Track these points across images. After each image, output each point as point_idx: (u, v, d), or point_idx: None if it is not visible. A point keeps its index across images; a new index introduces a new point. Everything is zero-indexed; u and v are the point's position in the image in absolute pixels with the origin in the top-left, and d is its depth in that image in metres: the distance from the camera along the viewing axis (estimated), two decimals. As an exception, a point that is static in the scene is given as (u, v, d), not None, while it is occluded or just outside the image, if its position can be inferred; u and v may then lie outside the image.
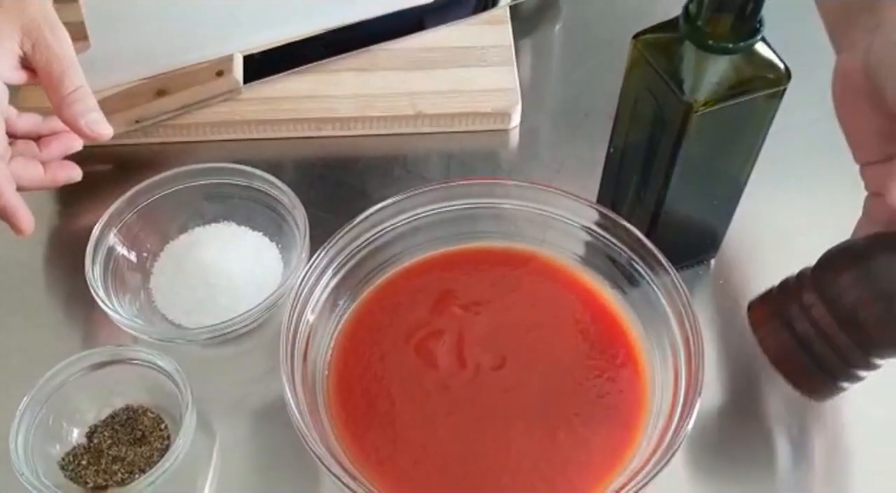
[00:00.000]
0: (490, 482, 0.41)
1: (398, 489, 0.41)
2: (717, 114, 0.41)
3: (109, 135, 0.52)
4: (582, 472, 0.42)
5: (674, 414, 0.41)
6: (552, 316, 0.47)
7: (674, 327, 0.44)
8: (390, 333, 0.46)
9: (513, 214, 0.50)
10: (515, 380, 0.45)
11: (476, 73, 0.61)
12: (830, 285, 0.40)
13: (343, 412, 0.44)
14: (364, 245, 0.48)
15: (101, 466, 0.45)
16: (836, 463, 0.47)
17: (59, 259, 0.54)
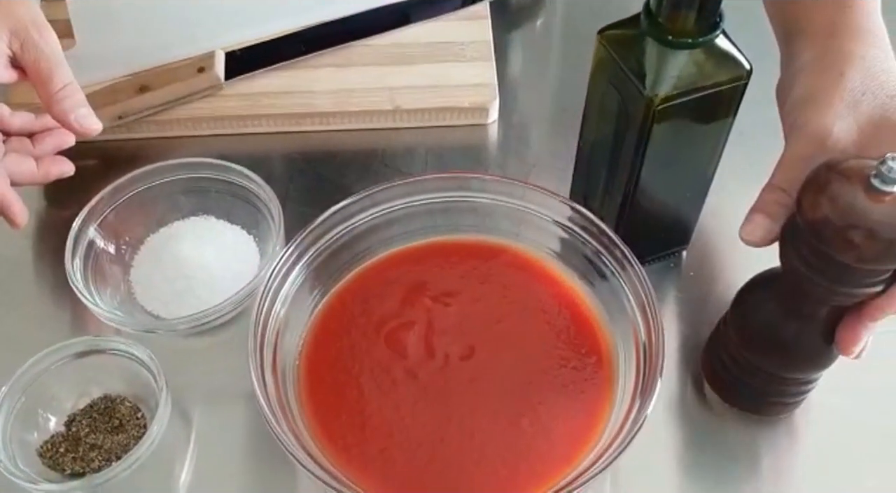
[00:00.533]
0: (454, 469, 0.42)
1: (363, 475, 0.42)
2: (680, 108, 0.42)
3: (99, 129, 0.52)
4: (544, 460, 0.43)
5: (633, 404, 0.41)
6: (521, 307, 0.48)
7: (637, 319, 0.44)
8: (361, 323, 0.47)
9: (486, 207, 0.51)
10: (482, 369, 0.45)
11: (454, 69, 0.62)
12: (733, 314, 0.46)
13: (313, 400, 0.45)
14: (338, 237, 0.49)
15: (78, 453, 0.46)
16: (806, 453, 0.48)
17: (42, 253, 0.55)
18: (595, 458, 0.41)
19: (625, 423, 0.41)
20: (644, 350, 0.43)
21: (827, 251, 0.37)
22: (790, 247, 0.40)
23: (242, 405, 0.49)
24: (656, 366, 0.41)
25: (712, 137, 0.46)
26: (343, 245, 0.49)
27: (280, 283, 0.46)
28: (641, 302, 0.44)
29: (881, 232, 0.36)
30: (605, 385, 0.45)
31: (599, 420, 0.44)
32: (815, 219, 0.37)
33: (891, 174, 0.36)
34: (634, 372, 0.43)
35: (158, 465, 0.46)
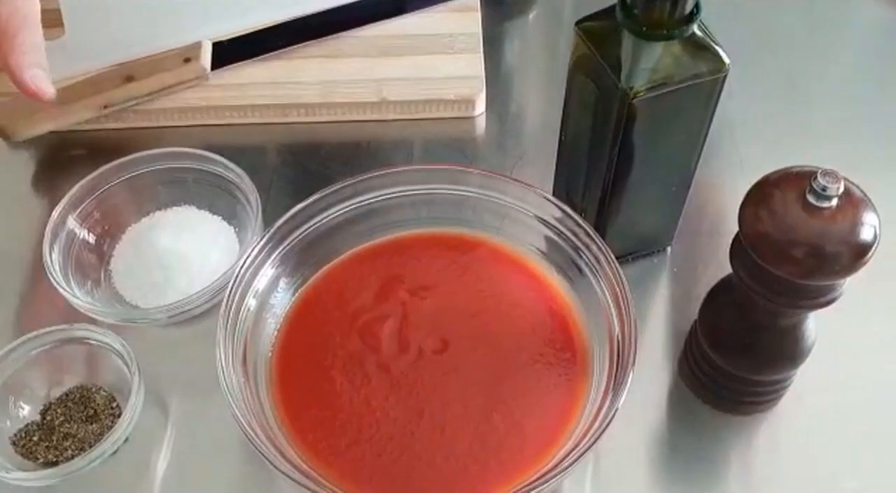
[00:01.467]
0: (423, 464, 0.42)
1: (331, 469, 0.42)
2: (656, 101, 0.42)
3: (51, 95, 0.51)
4: (514, 456, 0.42)
5: (605, 399, 0.41)
6: (498, 302, 0.47)
7: (612, 313, 0.44)
8: (336, 316, 0.47)
9: (468, 201, 0.50)
10: (456, 364, 0.45)
11: (442, 61, 0.62)
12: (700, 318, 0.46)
13: (284, 393, 0.45)
14: (314, 228, 0.48)
15: (52, 442, 0.46)
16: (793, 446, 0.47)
17: (22, 241, 0.55)
18: (565, 454, 0.40)
19: (596, 418, 0.40)
20: (617, 344, 0.43)
21: (766, 266, 0.37)
22: (736, 259, 0.40)
23: (220, 395, 0.49)
24: (628, 359, 0.41)
25: (692, 131, 0.45)
26: (319, 236, 0.49)
27: (252, 274, 0.45)
28: (615, 295, 0.43)
29: (818, 248, 0.36)
30: (580, 382, 0.44)
31: (572, 418, 0.43)
32: (754, 233, 0.37)
33: (823, 191, 0.35)
34: (608, 367, 0.43)
35: (134, 455, 0.46)
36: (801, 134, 0.61)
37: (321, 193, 0.48)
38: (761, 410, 0.47)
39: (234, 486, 0.46)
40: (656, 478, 0.47)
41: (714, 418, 0.48)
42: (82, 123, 0.60)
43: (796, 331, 0.42)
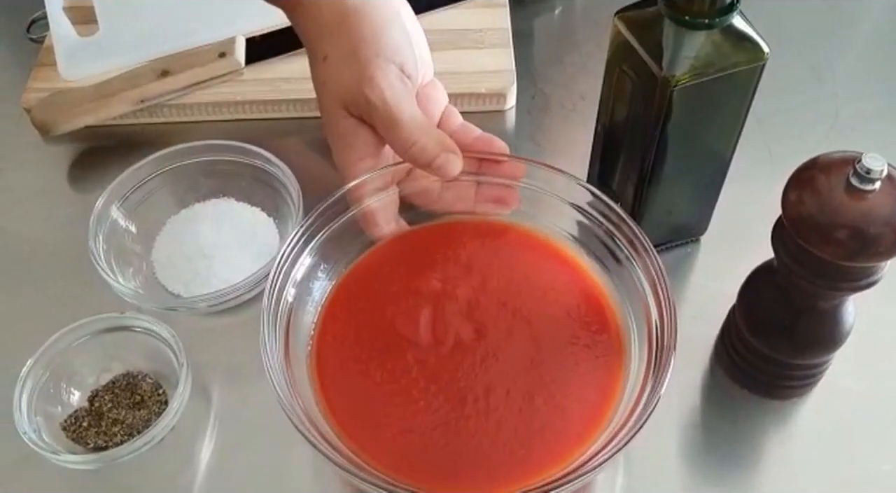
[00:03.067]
0: (471, 449, 0.42)
1: (379, 459, 0.42)
2: (696, 89, 0.42)
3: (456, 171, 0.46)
4: (559, 438, 0.42)
5: (647, 382, 0.41)
6: (531, 287, 0.48)
7: (649, 298, 0.44)
8: (370, 307, 0.47)
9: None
10: (494, 350, 0.45)
11: (473, 55, 0.62)
12: (739, 303, 0.47)
13: (325, 385, 0.45)
14: (348, 218, 0.48)
15: (101, 428, 0.46)
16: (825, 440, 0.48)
17: (64, 234, 0.56)
18: (610, 436, 0.41)
19: (638, 401, 0.41)
20: (656, 328, 0.43)
21: (809, 249, 0.38)
22: (778, 242, 0.41)
23: (262, 384, 0.49)
24: (669, 344, 0.41)
25: (729, 120, 0.46)
26: (353, 226, 0.48)
27: (291, 264, 0.45)
28: (653, 280, 0.44)
29: (861, 230, 0.37)
30: (617, 363, 0.45)
31: (612, 398, 0.43)
32: (797, 215, 0.38)
33: (867, 174, 0.36)
34: (647, 351, 0.43)
35: (179, 441, 0.47)
36: (828, 126, 0.61)
37: (354, 182, 0.47)
38: (798, 394, 0.48)
39: (277, 474, 0.47)
40: (691, 461, 0.47)
41: (750, 402, 0.48)
42: (117, 118, 0.61)
43: (836, 314, 0.43)
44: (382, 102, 0.45)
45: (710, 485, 0.47)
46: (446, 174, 0.46)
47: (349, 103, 0.46)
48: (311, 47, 0.49)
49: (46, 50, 0.64)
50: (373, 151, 0.47)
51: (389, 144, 0.47)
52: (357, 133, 0.47)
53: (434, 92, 0.51)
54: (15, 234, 0.57)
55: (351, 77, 0.46)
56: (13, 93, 0.63)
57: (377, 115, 0.45)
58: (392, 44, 0.47)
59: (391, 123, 0.45)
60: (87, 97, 0.59)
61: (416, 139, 0.45)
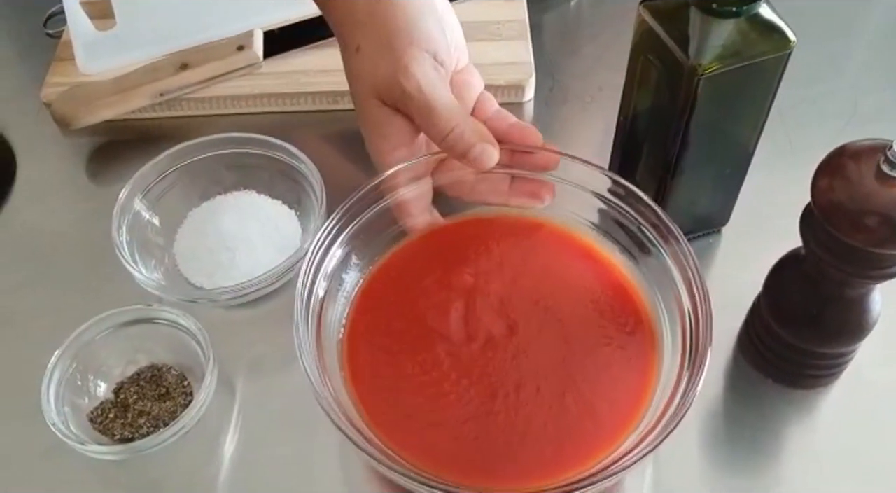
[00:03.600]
0: (500, 445, 0.42)
1: (409, 450, 0.42)
2: (723, 77, 0.42)
3: (492, 163, 0.46)
4: (589, 437, 0.42)
5: (680, 382, 0.41)
6: (563, 284, 0.47)
7: (683, 295, 0.44)
8: (401, 299, 0.47)
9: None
10: (525, 347, 0.45)
11: (491, 47, 0.62)
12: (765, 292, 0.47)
13: (356, 376, 0.44)
14: (377, 211, 0.48)
15: (127, 419, 0.47)
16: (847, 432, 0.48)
17: (86, 226, 0.56)
18: (641, 436, 0.40)
19: (671, 401, 0.40)
20: (690, 322, 0.43)
21: (839, 236, 0.38)
22: (807, 230, 0.41)
23: (285, 375, 0.50)
24: (704, 338, 0.41)
25: (755, 109, 0.46)
26: (382, 218, 0.48)
27: (322, 255, 0.45)
28: (684, 271, 0.43)
29: (891, 217, 0.37)
30: (650, 362, 0.44)
31: (644, 397, 0.43)
32: (827, 203, 0.38)
33: None
34: (680, 345, 0.43)
35: (204, 433, 0.47)
36: (847, 117, 0.61)
37: (389, 172, 0.47)
38: (822, 383, 0.48)
39: (301, 466, 0.47)
40: (714, 450, 0.47)
41: (774, 392, 0.48)
42: (136, 112, 0.61)
43: (863, 303, 0.43)
44: (418, 91, 0.45)
45: (733, 475, 0.47)
46: (482, 165, 0.46)
47: (383, 93, 0.46)
48: (344, 38, 0.49)
49: (64, 44, 0.64)
50: (407, 141, 0.47)
51: (426, 133, 0.47)
52: (391, 123, 0.47)
53: (470, 78, 0.50)
54: (36, 227, 0.57)
55: (385, 67, 0.45)
56: (31, 88, 0.63)
57: (413, 104, 0.45)
58: (425, 32, 0.46)
59: (427, 112, 0.45)
60: (107, 91, 0.59)
61: (453, 126, 0.45)
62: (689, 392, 0.40)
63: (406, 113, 0.46)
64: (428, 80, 0.45)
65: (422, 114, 0.45)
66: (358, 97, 0.48)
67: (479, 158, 0.45)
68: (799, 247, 0.44)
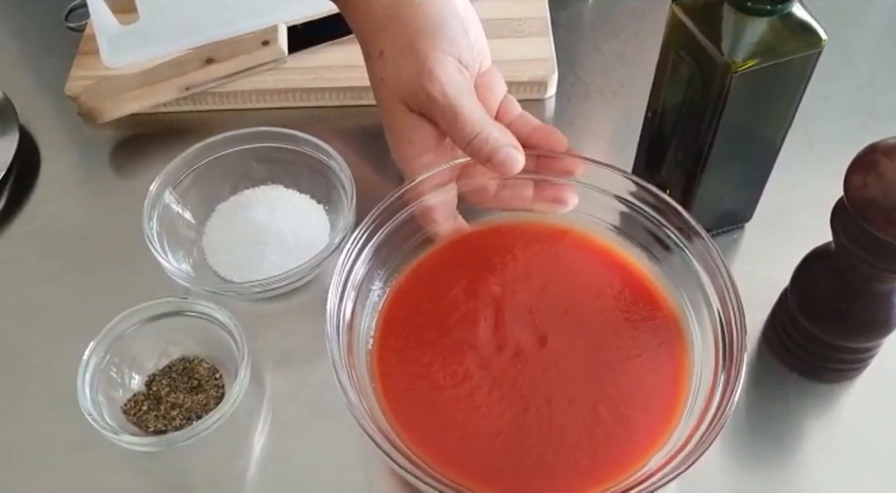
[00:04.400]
0: (534, 458, 0.42)
1: (442, 463, 0.41)
2: (755, 75, 0.43)
3: (517, 168, 0.46)
4: (623, 448, 0.42)
5: (715, 388, 0.41)
6: (591, 292, 0.47)
7: (712, 297, 0.44)
8: (429, 311, 0.46)
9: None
10: (556, 359, 0.45)
11: (513, 44, 0.63)
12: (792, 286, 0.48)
13: (387, 387, 0.44)
14: (403, 219, 0.47)
15: (160, 411, 0.47)
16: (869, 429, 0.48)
17: (112, 219, 0.56)
18: (676, 449, 0.40)
19: (704, 415, 0.40)
20: (722, 327, 0.43)
21: (872, 231, 0.39)
22: (839, 225, 0.42)
23: (314, 368, 0.50)
24: (740, 345, 0.41)
25: (784, 104, 0.46)
26: (407, 228, 0.48)
27: (350, 269, 0.45)
28: (716, 279, 0.43)
29: None
30: (682, 369, 0.44)
31: (677, 405, 0.43)
32: (861, 198, 0.39)
33: None
34: (713, 352, 0.43)
35: (234, 426, 0.47)
36: (865, 115, 0.62)
37: (416, 180, 0.47)
38: (847, 377, 0.49)
39: (332, 459, 0.47)
40: (739, 442, 0.48)
41: (798, 385, 0.49)
42: (160, 106, 0.61)
43: (891, 298, 0.44)
44: (443, 96, 0.45)
45: (756, 466, 0.47)
46: (507, 170, 0.45)
47: (409, 99, 0.46)
48: (366, 43, 0.48)
49: (88, 38, 0.64)
50: (433, 146, 0.47)
51: (451, 138, 0.46)
52: (417, 128, 0.47)
53: (492, 81, 0.50)
54: (63, 219, 0.57)
55: (409, 72, 0.45)
56: (53, 82, 0.63)
57: (438, 109, 0.45)
58: (448, 35, 0.46)
59: (452, 117, 0.45)
60: (132, 84, 0.59)
61: (478, 131, 0.45)
62: (726, 401, 0.40)
63: (431, 118, 0.46)
64: (452, 84, 0.45)
65: (446, 118, 0.45)
66: (383, 103, 0.48)
67: (505, 162, 0.45)
68: (828, 242, 0.45)
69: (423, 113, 0.46)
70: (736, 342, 0.41)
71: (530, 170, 0.48)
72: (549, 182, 0.49)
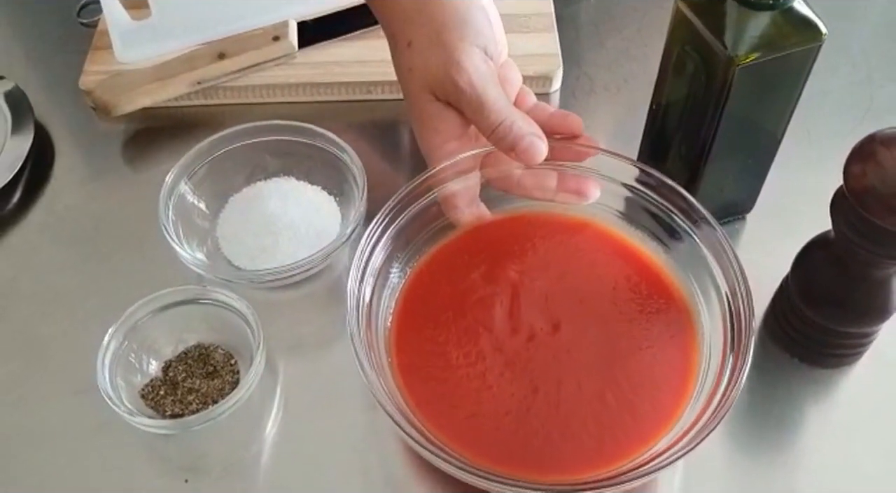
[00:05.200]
0: (540, 439, 0.43)
1: (452, 439, 0.43)
2: (758, 68, 0.44)
3: (541, 156, 0.46)
4: (629, 433, 0.43)
5: (722, 374, 0.42)
6: (608, 285, 0.48)
7: (721, 283, 0.45)
8: (446, 294, 0.48)
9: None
10: (568, 345, 0.46)
11: (519, 39, 0.64)
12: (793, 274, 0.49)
13: (402, 365, 0.46)
14: (425, 204, 0.49)
15: (177, 396, 0.48)
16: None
17: (127, 211, 0.58)
18: (679, 435, 0.41)
19: (713, 394, 0.42)
20: (730, 309, 0.44)
21: (870, 218, 0.40)
22: (838, 213, 0.43)
23: (326, 356, 0.51)
24: (748, 333, 0.42)
25: (785, 98, 0.48)
26: (429, 214, 0.49)
27: (371, 250, 0.46)
28: (727, 268, 0.45)
29: None
30: (692, 362, 0.46)
31: (684, 399, 0.44)
32: (860, 187, 0.40)
33: None
34: (721, 337, 0.44)
35: (248, 411, 0.48)
36: (862, 109, 0.63)
37: (437, 167, 0.48)
38: (846, 363, 0.50)
39: (344, 445, 0.48)
40: (740, 426, 0.49)
41: (798, 371, 0.50)
42: (171, 100, 0.62)
43: (889, 284, 0.45)
44: (470, 86, 0.46)
45: (757, 450, 0.48)
46: (531, 158, 0.46)
47: (436, 88, 0.47)
48: (394, 34, 0.50)
49: (101, 33, 0.65)
50: (458, 134, 0.48)
51: (476, 126, 0.48)
52: (443, 117, 0.48)
53: (510, 72, 0.51)
54: (78, 210, 0.58)
55: (437, 63, 0.47)
56: (66, 76, 0.64)
57: (464, 98, 0.46)
58: (475, 27, 0.48)
59: (478, 105, 0.46)
60: (146, 78, 0.60)
61: (503, 119, 0.46)
62: (733, 382, 0.41)
63: (457, 107, 0.47)
64: (479, 75, 0.46)
65: (472, 107, 0.46)
66: (410, 93, 0.49)
67: (529, 150, 0.46)
68: (827, 231, 0.46)
69: (450, 102, 0.48)
70: (744, 324, 0.43)
71: (553, 159, 0.49)
72: (571, 174, 0.50)
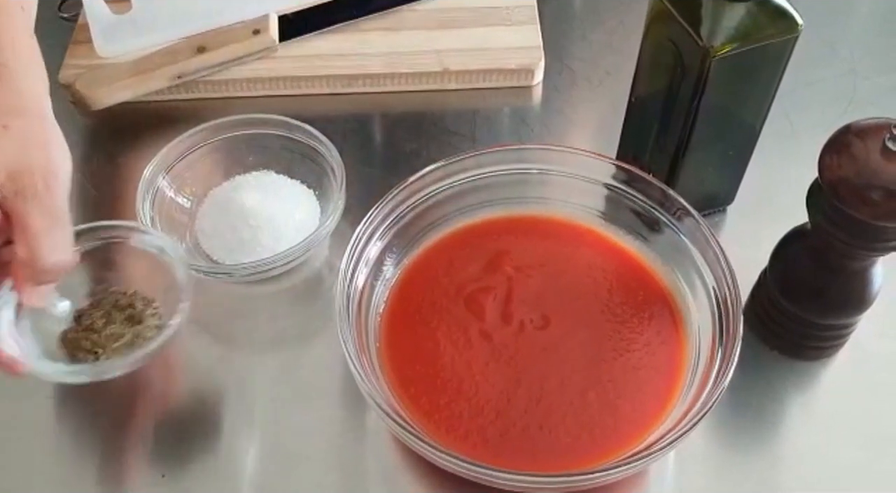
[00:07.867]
0: (518, 429, 0.44)
1: (429, 421, 0.44)
2: (734, 59, 0.44)
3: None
4: (607, 434, 0.44)
5: (712, 366, 0.43)
6: (603, 289, 0.49)
7: (706, 275, 0.46)
8: (444, 282, 0.49)
9: (535, 177, 0.52)
10: (556, 342, 0.47)
11: (501, 32, 0.64)
12: (771, 266, 0.49)
13: (391, 346, 0.47)
14: (416, 204, 0.50)
15: (100, 339, 0.46)
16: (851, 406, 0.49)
17: (107, 205, 0.57)
18: (664, 431, 0.42)
19: (701, 390, 0.43)
20: (717, 302, 0.45)
21: (845, 209, 0.40)
22: (815, 205, 0.43)
23: (305, 349, 0.51)
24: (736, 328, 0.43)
25: (763, 90, 0.48)
26: (421, 211, 0.51)
27: (365, 243, 0.47)
28: (711, 260, 0.46)
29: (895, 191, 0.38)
30: (678, 370, 0.46)
31: (668, 405, 0.45)
32: (835, 178, 0.40)
33: None
34: (710, 330, 0.45)
35: (229, 402, 0.48)
36: (846, 101, 0.63)
37: (436, 165, 0.50)
38: (825, 355, 0.50)
39: (324, 437, 0.48)
40: (721, 418, 0.48)
41: (778, 363, 0.50)
42: (152, 94, 0.62)
43: (866, 275, 0.45)
44: None
45: (738, 442, 0.48)
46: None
47: None
48: None
49: (81, 27, 0.65)
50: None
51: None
52: None
53: None
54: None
55: None
56: (47, 70, 0.62)
57: None
58: None
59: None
60: (125, 73, 0.60)
61: None
62: (721, 375, 0.42)
63: None
64: None
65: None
66: None
67: None
68: (805, 223, 0.46)
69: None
70: (731, 313, 0.43)
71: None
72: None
